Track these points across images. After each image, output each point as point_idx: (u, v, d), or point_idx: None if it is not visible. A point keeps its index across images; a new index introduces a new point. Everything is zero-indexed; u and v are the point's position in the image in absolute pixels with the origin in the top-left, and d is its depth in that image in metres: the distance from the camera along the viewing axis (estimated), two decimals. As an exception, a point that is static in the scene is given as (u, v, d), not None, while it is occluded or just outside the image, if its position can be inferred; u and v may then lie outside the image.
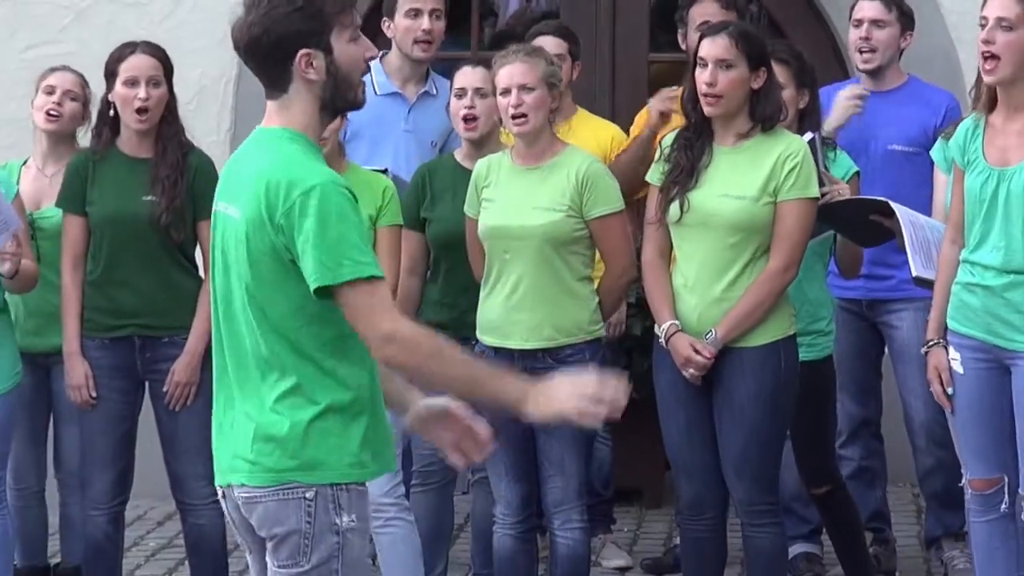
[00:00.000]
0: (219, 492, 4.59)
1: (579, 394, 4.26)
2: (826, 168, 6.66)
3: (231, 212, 4.49)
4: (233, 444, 4.48)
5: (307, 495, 4.33)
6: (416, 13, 7.85)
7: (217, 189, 4.72)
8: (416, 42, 7.85)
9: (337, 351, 4.45)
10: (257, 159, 4.49)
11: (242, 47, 4.48)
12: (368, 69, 4.74)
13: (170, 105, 7.01)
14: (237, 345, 4.52)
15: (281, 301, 4.39)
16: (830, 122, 7.33)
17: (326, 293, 4.25)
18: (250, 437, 4.38)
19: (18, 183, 7.30)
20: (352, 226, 4.41)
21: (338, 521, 4.35)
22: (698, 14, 7.77)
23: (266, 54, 4.44)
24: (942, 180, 6.73)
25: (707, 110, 6.33)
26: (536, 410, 4.29)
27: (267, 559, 4.42)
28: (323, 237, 4.27)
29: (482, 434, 4.53)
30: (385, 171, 7.18)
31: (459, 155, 7.24)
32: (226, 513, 4.64)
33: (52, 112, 7.34)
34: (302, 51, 4.32)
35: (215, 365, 4.62)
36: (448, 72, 7.76)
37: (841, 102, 7.45)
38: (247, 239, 4.39)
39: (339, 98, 4.54)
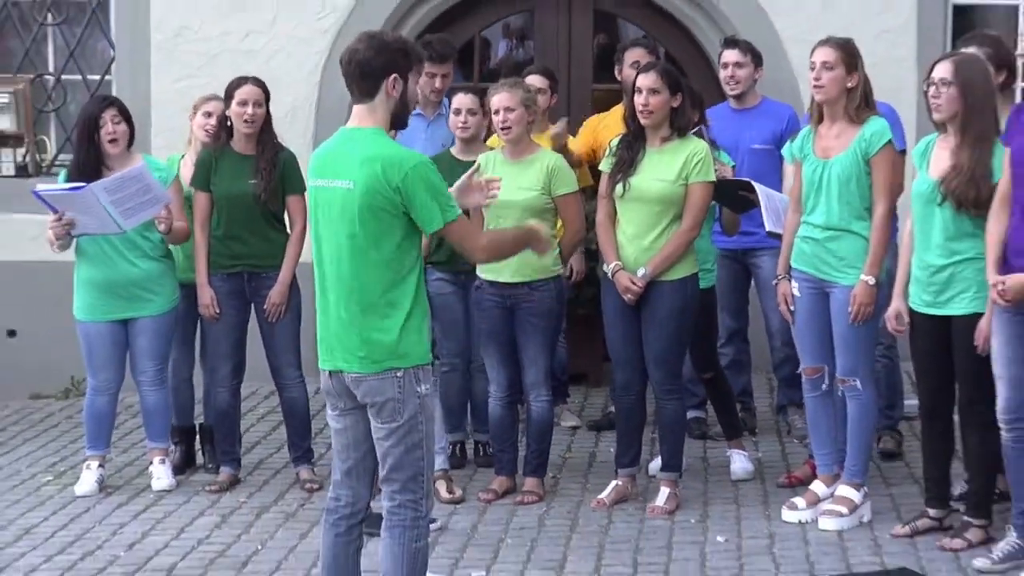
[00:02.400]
0: (321, 375, 5.45)
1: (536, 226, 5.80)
2: (717, 158, 7.62)
3: (338, 184, 5.31)
4: (341, 343, 5.36)
5: (398, 375, 5.25)
6: (432, 75, 8.63)
7: (314, 172, 5.48)
8: (432, 91, 8.69)
9: (410, 271, 5.35)
10: (364, 147, 5.32)
11: (354, 63, 5.37)
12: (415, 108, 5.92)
13: (267, 119, 8.03)
14: (344, 276, 5.33)
15: (386, 242, 5.27)
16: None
17: (440, 228, 5.32)
18: (358, 340, 5.29)
19: (178, 171, 8.25)
20: (443, 185, 5.38)
21: (419, 389, 5.32)
22: (630, 56, 8.73)
23: (369, 70, 5.34)
24: (789, 169, 7.58)
25: (643, 122, 7.34)
26: (534, 235, 5.73)
27: (371, 419, 5.34)
28: (435, 195, 5.26)
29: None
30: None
31: (454, 150, 8.14)
32: (323, 388, 5.50)
33: (208, 130, 8.22)
34: (392, 75, 5.35)
35: (317, 290, 5.44)
36: (453, 94, 8.48)
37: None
38: (359, 201, 5.24)
39: (398, 116, 5.48)
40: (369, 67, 5.38)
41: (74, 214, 7.70)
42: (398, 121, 5.52)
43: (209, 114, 8.30)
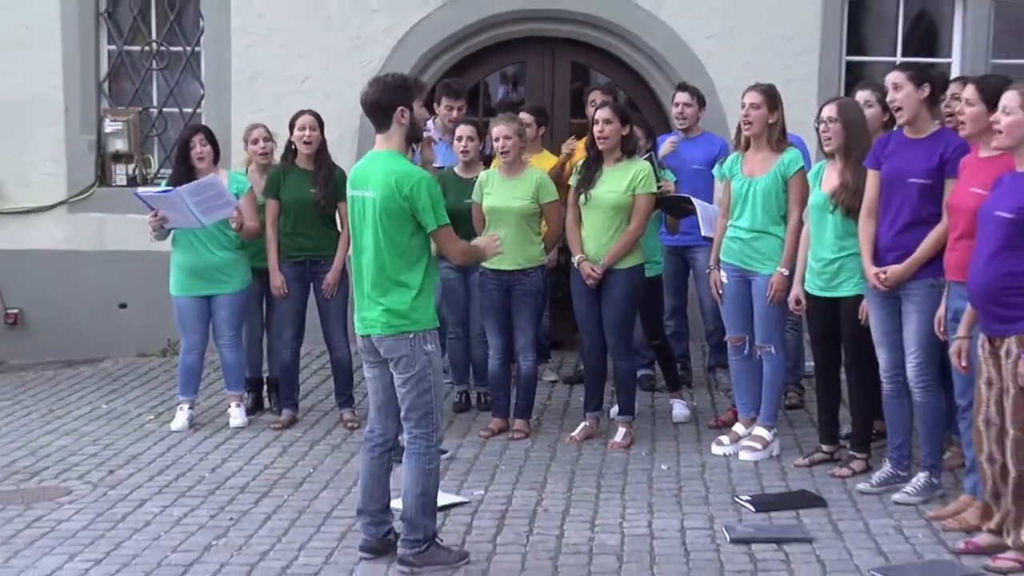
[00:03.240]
0: (358, 338, 5.55)
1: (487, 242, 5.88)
2: (659, 177, 7.54)
3: (367, 194, 5.39)
4: (369, 313, 5.43)
5: (411, 336, 5.37)
6: (449, 107, 8.61)
7: (349, 184, 5.58)
8: (450, 120, 8.55)
9: (419, 258, 5.43)
10: (383, 166, 5.39)
11: (367, 103, 5.47)
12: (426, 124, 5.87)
13: (323, 142, 7.95)
14: (370, 263, 5.40)
15: (402, 235, 5.36)
16: (661, 153, 8.15)
17: (433, 230, 5.39)
18: (380, 309, 5.37)
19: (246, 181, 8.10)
20: (440, 198, 5.48)
21: (427, 348, 5.42)
22: (592, 97, 8.65)
23: (381, 108, 5.44)
24: (719, 185, 7.49)
25: (599, 146, 7.30)
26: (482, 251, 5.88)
27: (391, 370, 5.44)
28: (432, 203, 5.34)
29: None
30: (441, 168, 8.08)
31: (457, 169, 8.08)
32: (359, 348, 5.59)
33: (262, 152, 8.27)
34: (400, 108, 5.40)
35: (353, 274, 5.55)
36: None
37: (665, 145, 8.31)
38: (382, 206, 5.32)
39: (411, 135, 5.57)
40: (379, 105, 5.47)
41: (166, 212, 7.71)
42: (413, 139, 5.69)
43: (256, 140, 8.30)
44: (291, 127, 8.01)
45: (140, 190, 8.02)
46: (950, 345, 5.87)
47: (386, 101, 5.46)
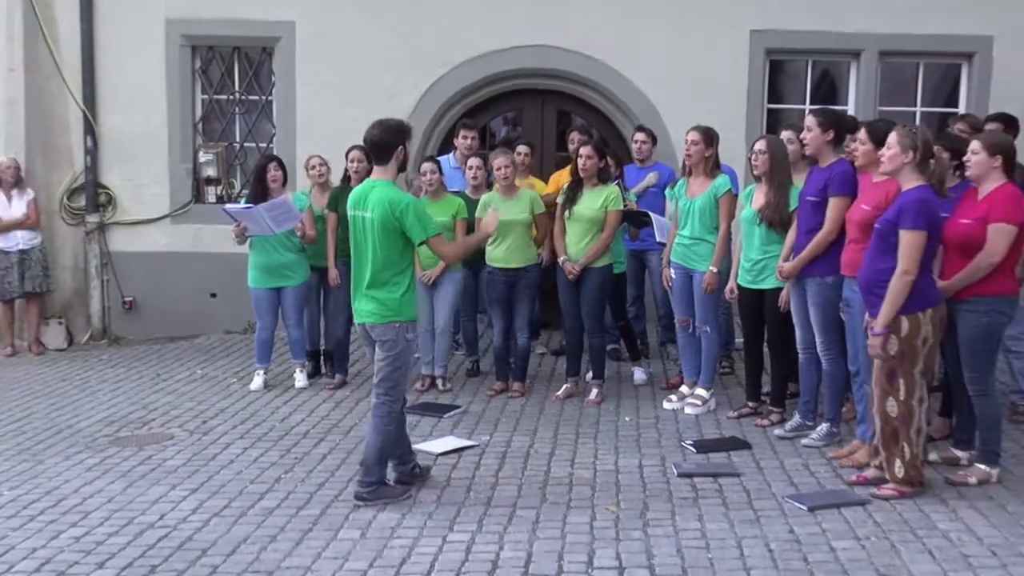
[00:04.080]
0: (357, 325, 5.48)
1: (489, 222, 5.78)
2: (625, 198, 7.51)
3: (366, 214, 5.27)
4: (365, 306, 5.34)
5: (396, 324, 5.29)
6: (465, 137, 8.65)
7: (350, 206, 5.40)
8: (466, 147, 8.56)
9: (407, 266, 5.35)
10: (379, 193, 5.28)
11: (372, 142, 5.36)
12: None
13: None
14: (367, 267, 5.30)
15: (394, 247, 5.27)
16: (638, 187, 8.15)
17: (422, 242, 5.30)
18: (374, 304, 5.29)
19: (310, 201, 8.01)
20: (427, 215, 5.38)
21: (408, 336, 5.35)
22: (573, 136, 8.68)
23: (384, 146, 5.33)
24: (670, 203, 7.45)
25: (581, 175, 7.24)
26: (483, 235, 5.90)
27: (377, 350, 5.36)
28: (420, 221, 5.24)
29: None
30: (458, 192, 8.03)
31: (467, 191, 8.01)
32: (359, 335, 5.62)
33: (319, 176, 8.13)
34: (399, 147, 5.38)
35: (354, 276, 5.40)
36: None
37: (649, 177, 8.25)
38: (379, 223, 5.22)
39: (401, 167, 5.43)
40: (382, 144, 5.37)
41: (246, 223, 7.67)
42: (402, 170, 5.51)
43: (314, 166, 8.21)
44: (346, 158, 7.95)
45: (227, 206, 8.01)
46: (846, 324, 5.92)
47: (388, 141, 5.37)
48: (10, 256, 9.45)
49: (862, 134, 5.92)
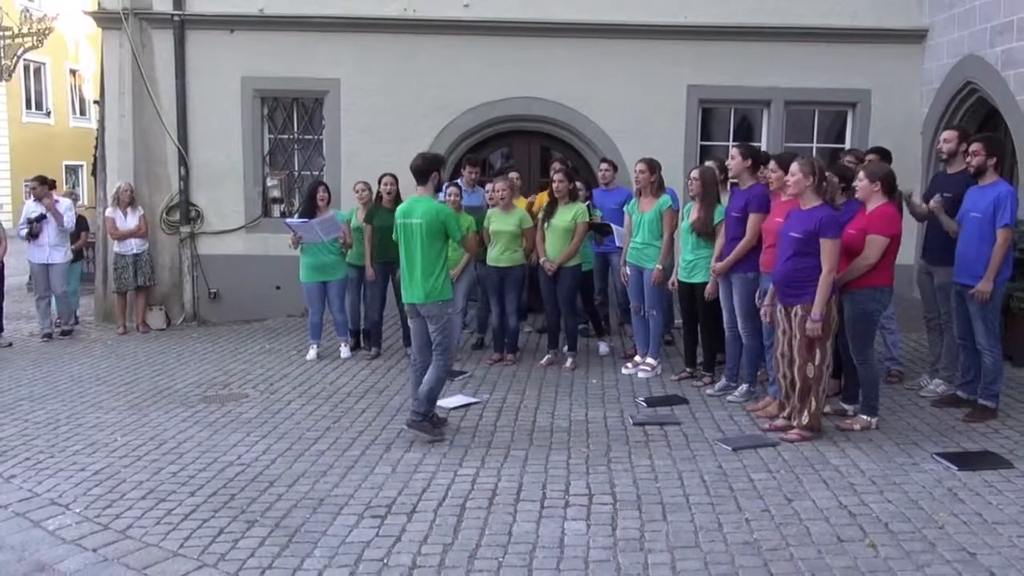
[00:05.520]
0: (407, 306, 5.44)
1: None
2: (591, 213, 7.45)
3: (415, 221, 5.26)
4: (415, 289, 5.33)
5: (441, 302, 5.33)
6: (471, 171, 8.46)
7: (400, 215, 5.40)
8: (470, 177, 8.42)
9: (445, 260, 5.35)
10: (424, 205, 5.29)
11: (416, 168, 5.42)
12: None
13: (397, 192, 7.73)
14: (415, 260, 5.31)
15: (436, 245, 5.29)
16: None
17: (458, 240, 5.44)
18: (423, 286, 5.30)
19: (352, 216, 7.91)
20: (458, 221, 5.42)
21: (448, 311, 5.41)
22: (553, 165, 8.14)
23: (424, 171, 5.36)
24: (627, 217, 7.12)
25: (556, 195, 7.16)
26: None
27: (428, 323, 5.39)
28: (456, 225, 5.35)
29: None
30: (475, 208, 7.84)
31: (497, 209, 7.51)
32: (407, 310, 5.47)
33: (362, 198, 7.92)
34: (435, 172, 5.41)
35: (406, 268, 5.35)
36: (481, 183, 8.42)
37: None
38: (426, 227, 5.23)
39: (438, 188, 5.59)
40: (423, 169, 5.35)
41: (302, 233, 7.62)
42: (438, 190, 5.64)
43: (360, 191, 8.07)
44: (379, 183, 7.92)
45: (287, 220, 7.94)
46: (761, 309, 5.87)
47: (427, 167, 5.39)
48: (126, 258, 9.45)
49: (772, 164, 5.91)
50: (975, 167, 5.59)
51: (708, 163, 6.82)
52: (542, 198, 8.23)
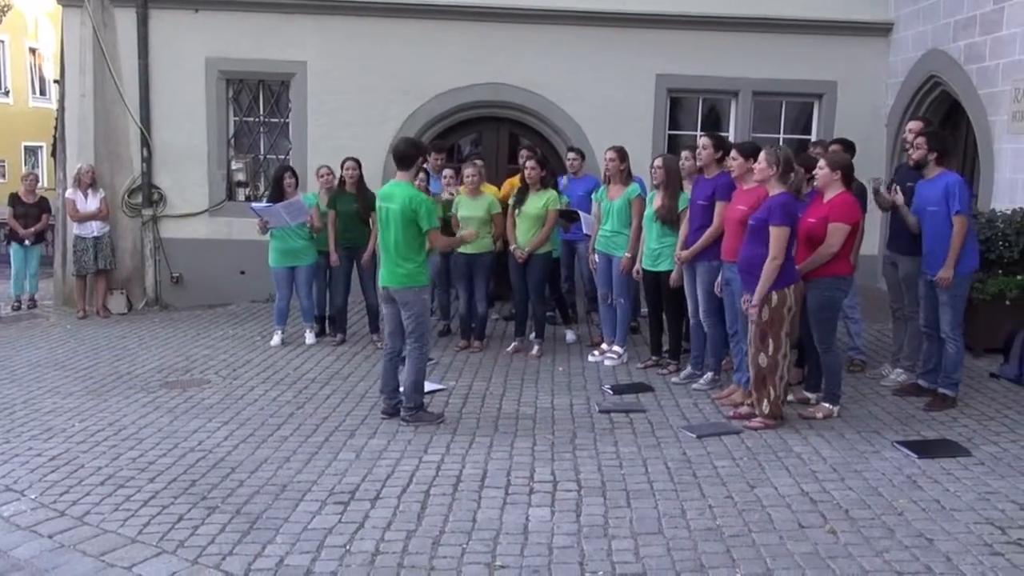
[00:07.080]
0: (379, 289, 5.45)
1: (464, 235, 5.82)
2: (561, 200, 7.28)
3: (392, 206, 5.22)
4: (389, 273, 5.32)
5: (415, 288, 5.31)
6: (436, 157, 8.29)
7: (379, 199, 5.36)
8: (436, 164, 8.25)
9: (421, 246, 5.34)
10: (401, 191, 5.25)
11: (398, 153, 5.37)
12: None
13: (360, 176, 7.69)
14: (390, 246, 5.28)
15: (411, 231, 5.23)
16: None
17: (428, 230, 5.26)
18: (398, 271, 5.29)
19: (317, 200, 7.77)
20: (433, 209, 5.34)
21: (423, 296, 5.39)
22: (521, 152, 7.87)
23: (407, 157, 5.31)
24: (595, 205, 7.09)
25: (528, 181, 7.13)
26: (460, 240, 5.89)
27: (401, 309, 5.36)
28: (428, 213, 5.25)
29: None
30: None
31: (443, 194, 7.70)
32: (380, 295, 5.51)
33: (326, 182, 7.89)
34: (418, 158, 5.38)
35: (382, 252, 5.40)
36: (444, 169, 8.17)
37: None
38: (400, 214, 5.19)
39: (418, 172, 5.51)
40: (406, 155, 5.31)
41: (268, 217, 7.55)
42: (418, 175, 5.55)
43: (323, 175, 8.04)
44: (341, 167, 7.82)
45: (253, 204, 7.91)
46: (724, 299, 5.92)
47: (411, 153, 5.36)
48: (87, 241, 9.35)
49: (733, 152, 5.90)
50: (915, 160, 5.64)
51: (685, 152, 6.79)
52: (510, 184, 8.21)
